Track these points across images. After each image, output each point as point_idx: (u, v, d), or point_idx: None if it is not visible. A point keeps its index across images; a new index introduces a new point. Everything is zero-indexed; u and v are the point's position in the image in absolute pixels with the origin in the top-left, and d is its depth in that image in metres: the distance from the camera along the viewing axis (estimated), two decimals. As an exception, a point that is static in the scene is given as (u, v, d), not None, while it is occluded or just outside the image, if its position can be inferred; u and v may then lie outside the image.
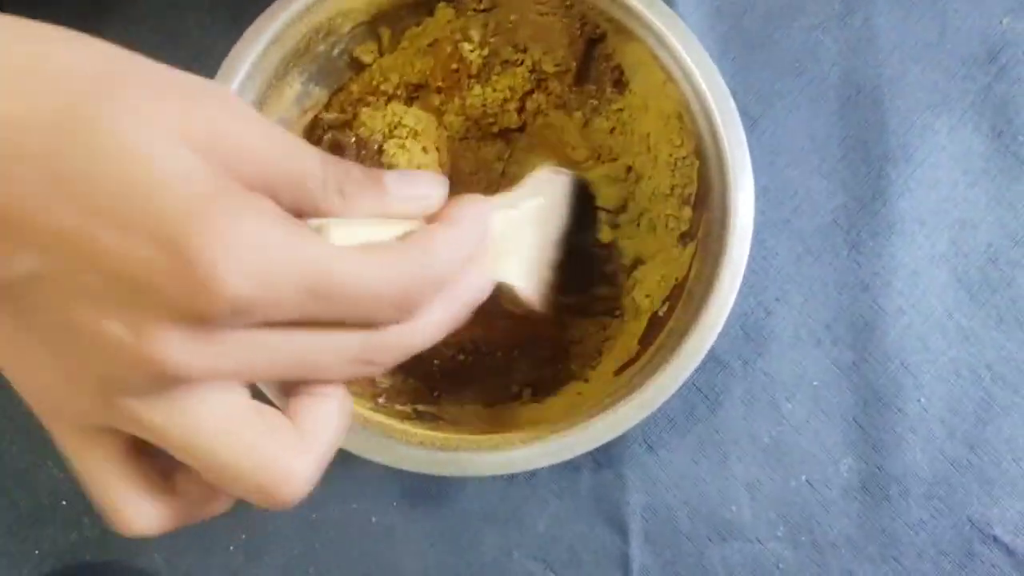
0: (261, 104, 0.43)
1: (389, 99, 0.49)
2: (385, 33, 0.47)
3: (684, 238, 0.45)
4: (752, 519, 0.48)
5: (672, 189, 0.46)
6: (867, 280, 0.51)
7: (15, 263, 0.21)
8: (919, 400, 0.49)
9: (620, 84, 0.47)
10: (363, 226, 0.26)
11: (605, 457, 0.49)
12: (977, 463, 0.49)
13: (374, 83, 0.49)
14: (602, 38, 0.46)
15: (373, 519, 0.48)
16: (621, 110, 0.48)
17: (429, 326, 0.26)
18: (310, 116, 0.48)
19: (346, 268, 0.23)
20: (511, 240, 0.36)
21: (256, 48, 0.42)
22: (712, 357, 0.49)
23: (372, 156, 0.47)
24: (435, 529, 0.48)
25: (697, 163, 0.44)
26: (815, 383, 0.50)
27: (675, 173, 0.46)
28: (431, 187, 0.28)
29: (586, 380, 0.46)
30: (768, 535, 0.48)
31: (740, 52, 0.53)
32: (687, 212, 0.45)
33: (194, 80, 0.23)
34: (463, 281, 0.28)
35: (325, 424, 0.25)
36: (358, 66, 0.48)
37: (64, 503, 0.48)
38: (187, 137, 0.21)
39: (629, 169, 0.48)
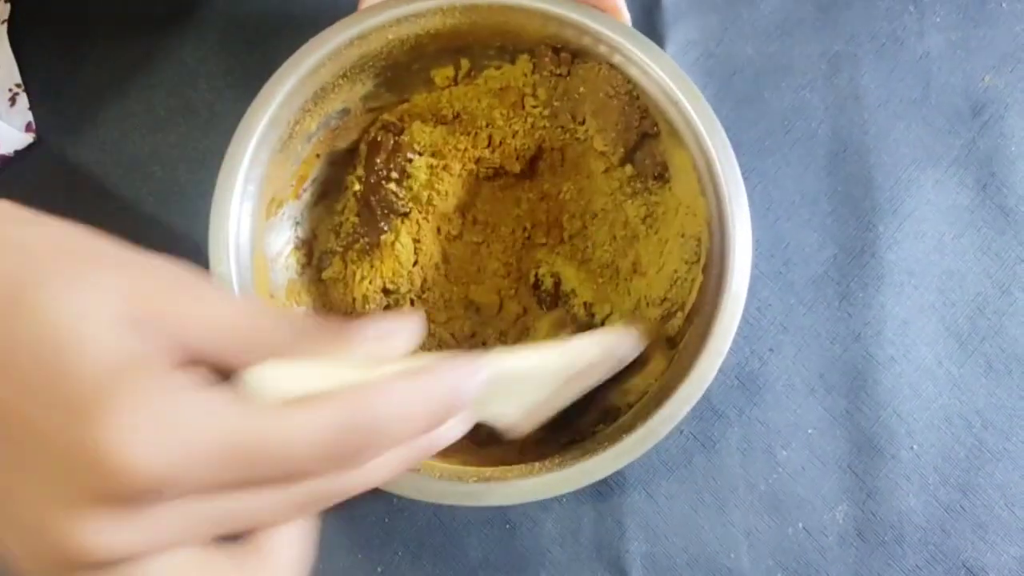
0: (329, 88, 0.46)
1: (442, 123, 0.51)
2: (465, 64, 0.50)
3: (669, 342, 0.46)
4: (751, 566, 0.49)
5: (662, 300, 0.47)
6: (858, 330, 0.52)
7: None
8: (912, 447, 0.51)
9: (662, 178, 0.49)
10: (306, 372, 0.24)
11: (605, 506, 0.50)
12: (970, 509, 0.50)
13: (439, 105, 0.51)
14: (655, 136, 0.48)
15: (379, 569, 0.49)
16: (658, 203, 0.49)
17: (380, 470, 0.25)
18: (373, 115, 0.50)
19: (266, 431, 0.22)
20: (515, 388, 0.34)
21: (339, 39, 0.44)
22: (708, 406, 0.51)
23: (400, 164, 0.49)
24: (440, 578, 0.49)
25: (701, 279, 0.45)
26: (810, 431, 0.51)
27: (672, 287, 0.47)
28: (396, 331, 0.26)
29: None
30: (766, 582, 0.49)
31: (731, 110, 0.55)
32: (677, 321, 0.46)
33: (141, 258, 0.24)
34: (430, 434, 0.26)
35: (287, 546, 0.25)
36: (431, 86, 0.51)
37: None
38: (122, 313, 0.21)
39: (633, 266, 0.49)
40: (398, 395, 0.24)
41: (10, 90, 0.54)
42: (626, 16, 0.45)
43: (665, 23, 0.56)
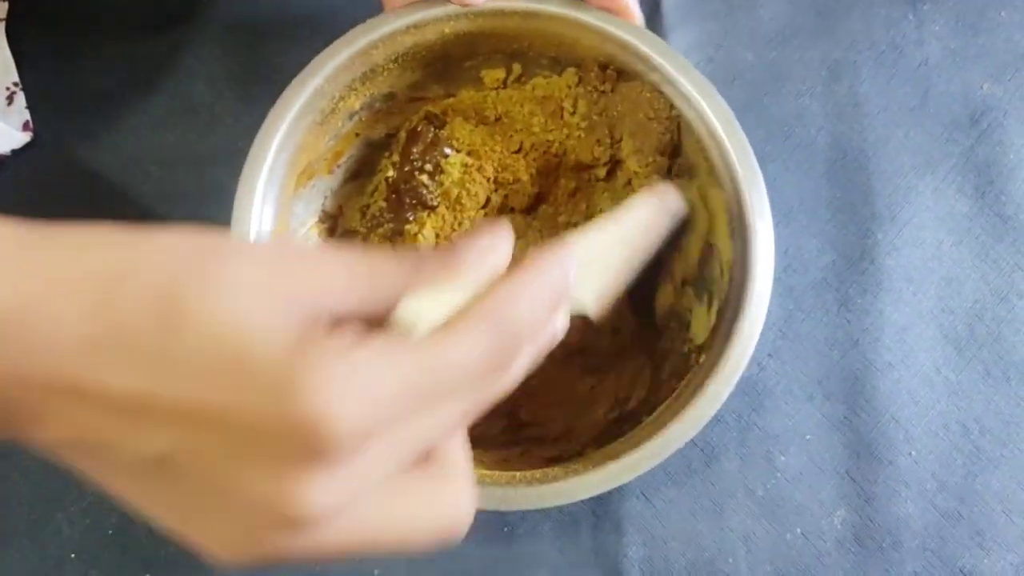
0: (378, 70, 0.46)
1: (483, 123, 0.51)
2: (516, 69, 0.50)
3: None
4: (748, 572, 0.49)
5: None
6: (857, 336, 0.52)
7: (145, 443, 0.23)
8: (910, 453, 0.51)
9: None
10: (441, 298, 0.26)
11: (604, 510, 0.50)
12: (968, 515, 0.50)
13: (483, 105, 0.51)
14: (690, 175, 0.47)
15: (376, 572, 0.49)
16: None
17: (520, 370, 0.28)
18: (417, 105, 0.51)
19: (440, 360, 0.24)
20: (593, 264, 0.36)
21: (396, 24, 0.44)
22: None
23: (436, 157, 0.50)
24: (437, 582, 0.49)
25: (714, 320, 0.45)
26: (808, 437, 0.51)
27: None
28: (496, 245, 0.29)
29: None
30: (764, 587, 0.49)
31: (731, 116, 0.55)
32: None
33: (256, 246, 0.25)
34: (548, 325, 0.29)
35: (460, 452, 0.28)
36: (479, 85, 0.51)
37: (73, 555, 0.49)
38: (271, 299, 0.23)
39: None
40: (528, 295, 0.26)
41: (7, 89, 0.54)
42: (638, 16, 0.45)
43: (665, 29, 0.56)
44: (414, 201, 0.50)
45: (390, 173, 0.51)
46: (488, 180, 0.50)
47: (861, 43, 0.57)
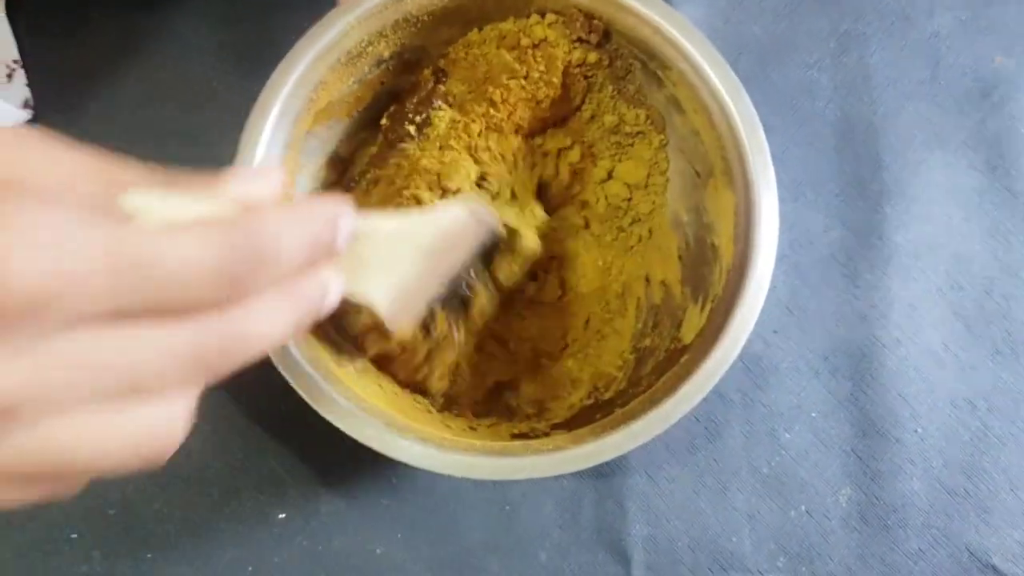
0: (412, 21, 0.45)
1: (478, 83, 0.50)
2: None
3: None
4: (752, 550, 0.49)
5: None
6: (864, 312, 0.52)
7: None
8: (916, 430, 0.50)
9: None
10: (181, 203, 0.24)
11: (606, 488, 0.49)
12: (974, 492, 0.49)
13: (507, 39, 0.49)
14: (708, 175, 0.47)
15: (378, 550, 0.49)
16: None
17: (266, 317, 0.24)
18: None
19: (151, 246, 0.21)
20: (381, 257, 0.33)
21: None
22: (711, 388, 0.50)
23: (426, 109, 0.49)
24: (439, 560, 0.49)
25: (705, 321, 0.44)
26: (813, 414, 0.50)
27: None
28: (263, 180, 0.26)
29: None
30: (769, 566, 0.49)
31: (737, 89, 0.54)
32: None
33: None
34: (310, 277, 0.26)
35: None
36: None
37: (74, 535, 0.49)
38: None
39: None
40: (279, 221, 0.23)
41: (7, 66, 0.53)
42: None
43: (672, 2, 0.55)
44: (395, 150, 0.49)
45: (384, 121, 0.50)
46: (470, 147, 0.49)
47: (870, 14, 0.55)
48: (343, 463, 0.49)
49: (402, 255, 0.34)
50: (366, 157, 0.51)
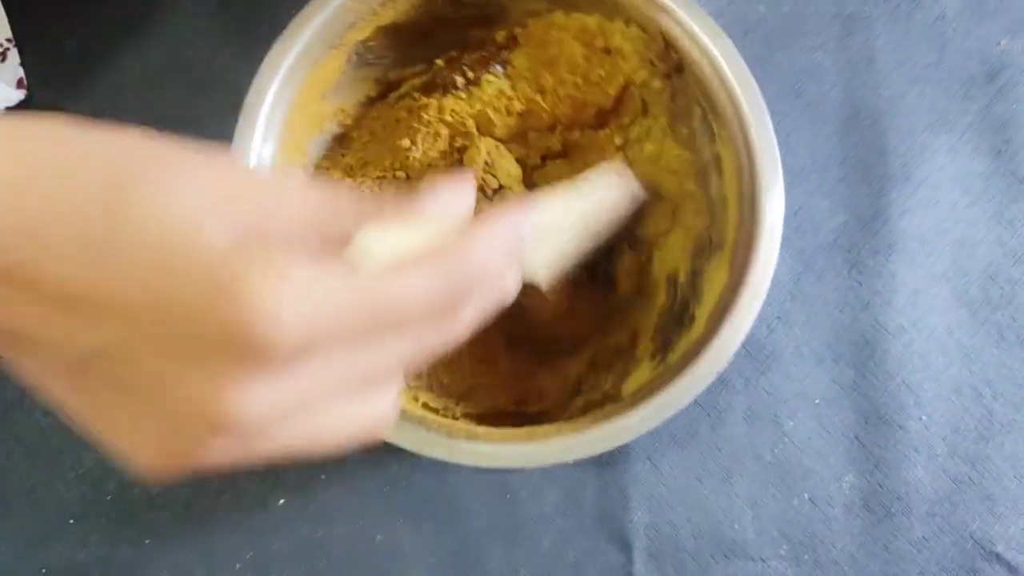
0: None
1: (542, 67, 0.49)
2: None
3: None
4: (755, 537, 0.49)
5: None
6: (868, 299, 0.51)
7: (79, 337, 0.22)
8: (920, 418, 0.50)
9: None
10: (399, 235, 0.27)
11: (609, 475, 0.49)
12: (979, 480, 0.49)
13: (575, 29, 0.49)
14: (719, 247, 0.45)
15: (378, 537, 0.49)
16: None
17: (468, 320, 0.28)
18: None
19: (391, 286, 0.24)
20: (546, 233, 0.36)
21: None
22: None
23: (482, 69, 0.49)
24: (440, 547, 0.49)
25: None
26: (817, 401, 0.50)
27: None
28: (460, 194, 0.29)
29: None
30: (771, 553, 0.49)
31: (741, 73, 0.53)
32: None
33: (212, 158, 0.25)
34: (500, 279, 0.29)
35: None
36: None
37: (72, 521, 0.48)
38: (223, 205, 0.23)
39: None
40: (483, 245, 0.26)
41: (1, 45, 0.52)
42: None
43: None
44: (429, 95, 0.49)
45: (439, 62, 0.49)
46: (510, 125, 0.49)
47: (876, -4, 0.55)
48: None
49: (564, 227, 0.37)
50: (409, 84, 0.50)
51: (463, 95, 0.49)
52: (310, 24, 0.42)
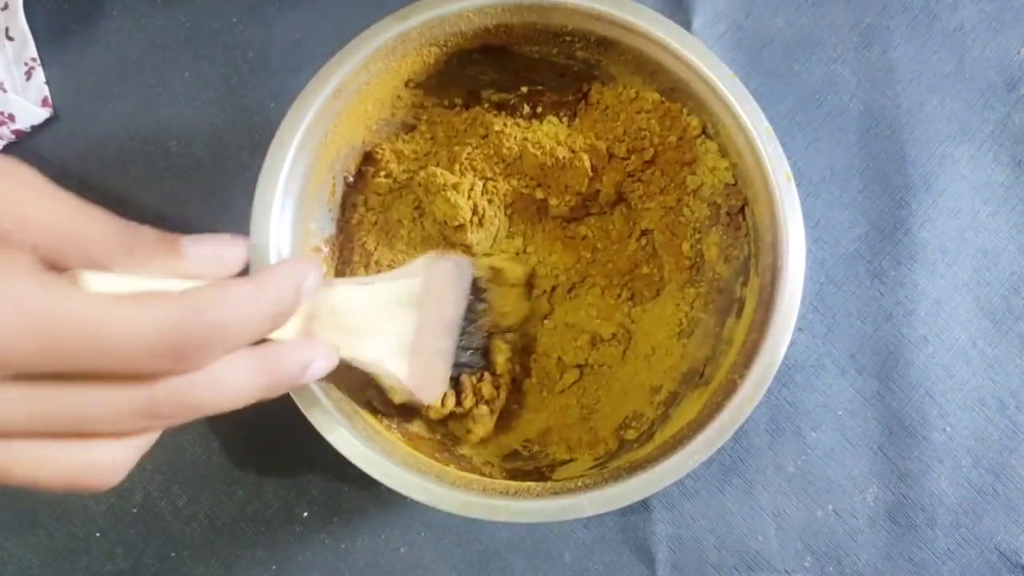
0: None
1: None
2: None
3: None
4: (779, 549, 0.49)
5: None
6: (890, 309, 0.51)
7: None
8: (944, 429, 0.50)
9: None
10: (141, 279, 0.24)
11: (631, 487, 0.49)
12: (1003, 491, 0.49)
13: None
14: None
15: (402, 549, 0.49)
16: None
17: (226, 383, 0.25)
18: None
19: (91, 315, 0.21)
20: (370, 320, 0.34)
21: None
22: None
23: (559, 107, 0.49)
24: (463, 559, 0.49)
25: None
26: (840, 412, 0.50)
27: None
28: (228, 248, 0.27)
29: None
30: (796, 565, 0.48)
31: (760, 84, 0.53)
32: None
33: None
34: (282, 348, 0.27)
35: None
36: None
37: (98, 534, 0.49)
38: None
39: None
40: (234, 289, 0.24)
41: (26, 64, 0.53)
42: None
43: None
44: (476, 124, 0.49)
45: (524, 89, 0.49)
46: (546, 166, 0.48)
47: (894, 7, 0.55)
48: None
49: (391, 315, 0.36)
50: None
51: (523, 123, 0.49)
52: (418, 15, 0.42)
